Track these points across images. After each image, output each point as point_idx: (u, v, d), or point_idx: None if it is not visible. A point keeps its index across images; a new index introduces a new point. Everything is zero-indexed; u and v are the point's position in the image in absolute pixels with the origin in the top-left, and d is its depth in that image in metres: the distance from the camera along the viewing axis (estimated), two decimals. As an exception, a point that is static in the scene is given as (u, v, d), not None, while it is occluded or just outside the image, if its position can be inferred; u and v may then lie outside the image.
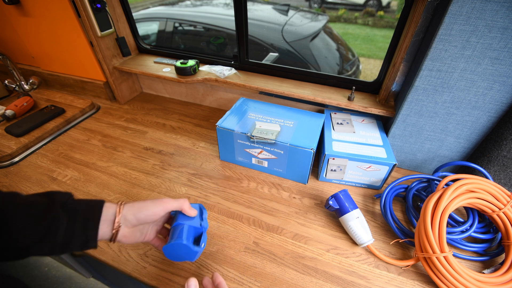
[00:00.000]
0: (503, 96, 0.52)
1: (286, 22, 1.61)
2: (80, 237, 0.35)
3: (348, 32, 3.18)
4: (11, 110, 0.85)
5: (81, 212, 0.36)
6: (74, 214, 0.35)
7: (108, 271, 0.90)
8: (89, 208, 0.37)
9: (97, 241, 0.36)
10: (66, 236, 0.34)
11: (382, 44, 2.97)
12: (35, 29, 0.89)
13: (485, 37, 0.47)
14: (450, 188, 0.48)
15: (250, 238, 0.55)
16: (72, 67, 0.97)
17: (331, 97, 0.73)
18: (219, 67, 0.86)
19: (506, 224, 0.48)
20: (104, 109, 0.96)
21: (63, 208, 0.35)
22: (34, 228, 0.32)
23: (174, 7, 2.10)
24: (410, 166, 0.71)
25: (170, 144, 0.80)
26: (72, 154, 0.77)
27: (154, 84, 1.02)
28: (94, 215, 0.36)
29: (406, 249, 0.54)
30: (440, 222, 0.46)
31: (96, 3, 0.77)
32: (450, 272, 0.43)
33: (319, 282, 0.48)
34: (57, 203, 0.35)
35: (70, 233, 0.34)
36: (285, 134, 0.63)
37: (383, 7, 3.42)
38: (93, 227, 0.36)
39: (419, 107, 0.60)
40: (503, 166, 0.56)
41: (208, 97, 0.96)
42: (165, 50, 0.96)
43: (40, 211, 0.33)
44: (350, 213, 0.53)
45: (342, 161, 0.61)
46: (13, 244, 0.32)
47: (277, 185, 0.67)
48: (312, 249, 0.53)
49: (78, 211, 0.36)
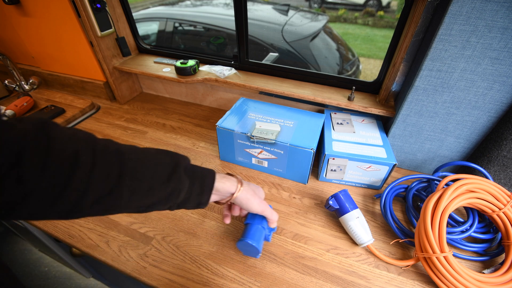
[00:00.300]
0: (503, 96, 0.52)
1: (286, 22, 1.61)
2: (195, 199, 0.38)
3: (348, 32, 3.18)
4: (11, 110, 0.85)
5: (199, 178, 0.39)
6: (193, 179, 0.38)
7: (108, 271, 0.90)
8: (205, 176, 0.40)
9: (207, 204, 0.40)
10: (185, 198, 0.37)
11: (382, 44, 2.97)
12: (35, 29, 0.89)
13: (485, 37, 0.47)
14: (450, 188, 0.48)
15: (250, 238, 0.55)
16: (72, 67, 0.97)
17: (331, 97, 0.73)
18: (219, 67, 0.86)
19: (506, 224, 0.48)
20: (104, 109, 0.96)
21: (185, 172, 0.37)
22: (162, 188, 0.34)
23: (174, 7, 2.10)
24: (410, 166, 0.71)
25: (170, 144, 0.80)
26: (72, 154, 0.77)
27: (154, 84, 1.02)
28: (208, 183, 0.40)
29: (406, 249, 0.54)
30: (440, 222, 0.46)
31: (96, 3, 0.77)
32: (450, 272, 0.43)
33: (319, 282, 0.48)
34: (181, 166, 0.37)
35: (188, 196, 0.37)
36: (285, 134, 0.63)
37: (383, 7, 3.42)
38: (207, 193, 0.40)
39: (419, 107, 0.60)
40: (503, 166, 0.56)
41: (208, 97, 0.97)
42: (165, 50, 0.96)
43: (168, 173, 0.35)
44: (350, 213, 0.53)
45: (342, 161, 0.61)
46: (143, 202, 0.33)
47: (277, 185, 0.67)
48: (312, 249, 0.53)
49: (196, 176, 0.39)
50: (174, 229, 0.57)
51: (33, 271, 1.27)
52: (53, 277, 1.25)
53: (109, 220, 0.58)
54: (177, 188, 0.35)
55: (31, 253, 1.35)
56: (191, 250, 0.53)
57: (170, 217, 0.59)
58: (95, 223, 0.58)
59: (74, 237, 0.56)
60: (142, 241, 0.55)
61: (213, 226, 0.57)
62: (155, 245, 0.54)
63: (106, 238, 0.55)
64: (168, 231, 0.56)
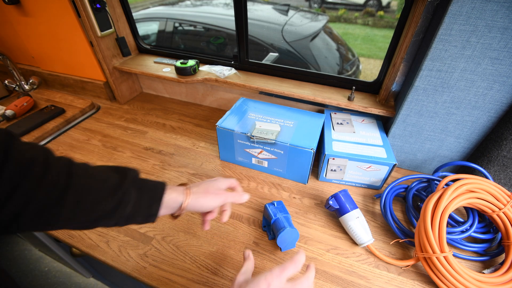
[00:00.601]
0: (503, 96, 0.52)
1: (286, 22, 1.60)
2: (144, 212, 0.38)
3: (348, 32, 3.18)
4: (11, 110, 0.85)
5: (147, 190, 0.39)
6: (142, 191, 0.38)
7: (108, 271, 0.90)
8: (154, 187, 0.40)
9: (157, 216, 0.39)
10: (133, 211, 0.37)
11: (382, 44, 2.97)
12: (35, 29, 0.89)
13: (485, 37, 0.47)
14: (450, 188, 0.48)
15: (250, 238, 0.55)
16: (72, 67, 0.97)
17: (331, 97, 0.73)
18: (219, 67, 0.86)
19: (506, 224, 0.48)
20: (104, 109, 0.96)
21: (133, 184, 0.37)
22: (107, 201, 0.34)
23: (174, 7, 2.10)
24: (410, 166, 0.71)
25: (170, 144, 0.80)
26: (72, 154, 0.77)
27: (154, 84, 1.02)
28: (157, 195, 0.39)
29: (406, 249, 0.54)
30: (440, 222, 0.46)
31: (96, 3, 0.77)
32: (450, 272, 0.43)
33: (319, 282, 0.48)
34: (129, 179, 0.37)
35: (137, 208, 0.37)
36: (285, 134, 0.63)
37: (383, 7, 3.42)
38: (156, 205, 0.39)
39: (419, 107, 0.60)
40: (503, 166, 0.56)
41: (208, 97, 0.97)
42: (165, 50, 0.96)
43: (114, 186, 0.35)
44: (350, 213, 0.53)
45: (342, 161, 0.61)
46: (87, 216, 0.33)
47: (277, 185, 0.67)
48: (312, 249, 0.53)
49: (145, 189, 0.38)
50: (174, 229, 0.57)
51: (33, 271, 1.27)
52: (53, 277, 1.25)
53: (109, 220, 0.58)
54: (123, 200, 0.35)
55: (31, 253, 1.35)
56: (191, 250, 0.53)
57: (170, 217, 0.59)
58: (95, 223, 0.58)
59: (74, 237, 0.55)
60: (142, 241, 0.55)
61: (213, 226, 0.57)
62: (155, 245, 0.54)
63: (106, 238, 0.55)
64: (168, 231, 0.56)
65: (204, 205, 0.43)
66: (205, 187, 0.45)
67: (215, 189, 0.45)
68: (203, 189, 0.44)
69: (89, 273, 1.16)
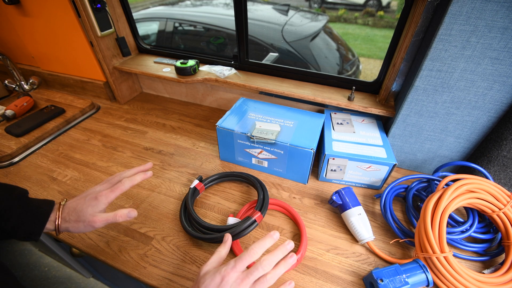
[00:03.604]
0: (503, 96, 0.52)
1: (286, 22, 1.60)
2: (27, 229, 0.40)
3: (348, 32, 3.17)
4: (11, 110, 0.85)
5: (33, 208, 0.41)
6: (26, 208, 0.40)
7: (108, 271, 0.90)
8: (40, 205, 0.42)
9: (40, 234, 0.41)
10: (14, 226, 0.39)
11: (382, 44, 2.97)
12: (35, 29, 0.89)
13: (485, 37, 0.47)
14: (450, 188, 0.48)
15: (250, 238, 0.55)
16: (72, 67, 0.97)
17: (331, 97, 0.73)
18: (219, 67, 0.86)
19: (506, 224, 0.48)
20: (104, 109, 0.96)
21: (19, 201, 0.39)
22: None
23: (174, 7, 2.10)
24: (410, 166, 0.71)
25: (170, 144, 0.80)
26: (72, 154, 0.77)
27: (154, 84, 1.02)
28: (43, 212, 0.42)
29: (406, 249, 0.54)
30: (440, 222, 0.46)
31: (96, 3, 0.77)
32: (450, 272, 0.43)
33: (319, 282, 0.48)
34: (15, 195, 0.40)
35: (19, 224, 0.39)
36: (285, 134, 0.63)
37: (383, 7, 3.42)
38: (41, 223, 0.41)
39: (419, 107, 0.60)
40: (503, 166, 0.56)
41: (208, 97, 0.97)
42: (165, 50, 0.96)
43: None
44: (352, 209, 0.54)
45: (342, 161, 0.61)
46: None
47: (277, 185, 0.67)
48: (312, 249, 0.53)
49: (30, 206, 0.41)
50: (174, 229, 0.57)
51: (33, 271, 1.27)
52: (53, 277, 1.25)
53: (109, 220, 0.58)
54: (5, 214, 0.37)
55: (31, 253, 1.35)
56: (191, 250, 0.53)
57: (170, 217, 0.59)
58: (95, 223, 0.58)
59: (74, 237, 0.55)
60: (142, 241, 0.55)
61: (213, 226, 0.57)
62: (155, 245, 0.54)
63: (106, 238, 0.55)
64: (168, 231, 0.56)
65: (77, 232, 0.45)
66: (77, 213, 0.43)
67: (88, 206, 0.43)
68: (75, 215, 0.43)
69: (89, 273, 1.16)
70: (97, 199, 0.44)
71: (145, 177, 0.50)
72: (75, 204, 0.44)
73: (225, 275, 0.35)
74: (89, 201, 0.43)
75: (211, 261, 0.39)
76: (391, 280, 0.42)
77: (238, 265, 0.36)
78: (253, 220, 0.52)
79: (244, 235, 0.51)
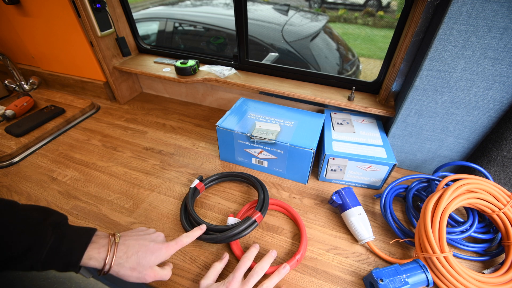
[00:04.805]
0: (503, 96, 0.52)
1: (286, 22, 1.61)
2: (61, 259, 0.35)
3: (348, 32, 3.17)
4: (11, 110, 0.85)
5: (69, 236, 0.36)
6: (62, 236, 0.35)
7: (108, 271, 0.90)
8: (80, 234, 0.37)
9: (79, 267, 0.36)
10: (48, 255, 0.34)
11: (382, 44, 2.97)
12: (35, 29, 0.89)
13: (485, 37, 0.47)
14: (450, 188, 0.48)
15: (250, 238, 0.55)
16: (72, 67, 0.97)
17: (331, 97, 0.73)
18: (219, 67, 0.86)
19: (506, 224, 0.48)
20: (104, 109, 0.96)
21: (53, 228, 0.35)
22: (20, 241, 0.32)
23: (174, 7, 2.10)
24: (410, 166, 0.71)
25: (170, 144, 0.80)
26: (72, 154, 0.77)
27: (154, 84, 1.02)
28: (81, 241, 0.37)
29: (406, 249, 0.54)
30: (440, 222, 0.46)
31: (96, 3, 0.77)
32: (450, 272, 0.43)
33: (319, 282, 0.48)
34: (50, 221, 0.35)
35: (54, 253, 0.34)
36: (285, 134, 0.63)
37: (383, 7, 3.42)
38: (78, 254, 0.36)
39: (419, 107, 0.60)
40: (503, 166, 0.56)
41: (208, 97, 0.96)
42: (165, 50, 0.96)
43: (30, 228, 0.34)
44: (352, 209, 0.54)
45: (342, 161, 0.61)
46: None
47: (277, 185, 0.67)
48: (312, 249, 0.53)
49: (67, 234, 0.36)
50: (174, 229, 0.57)
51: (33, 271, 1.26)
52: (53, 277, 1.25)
53: (109, 220, 0.58)
54: (37, 243, 0.33)
55: (31, 253, 1.35)
56: (191, 250, 0.53)
57: (170, 217, 0.59)
58: (94, 223, 0.58)
59: (74, 237, 0.55)
60: (142, 241, 0.54)
61: (213, 226, 0.57)
62: (155, 245, 0.54)
63: (106, 238, 0.55)
64: (168, 231, 0.56)
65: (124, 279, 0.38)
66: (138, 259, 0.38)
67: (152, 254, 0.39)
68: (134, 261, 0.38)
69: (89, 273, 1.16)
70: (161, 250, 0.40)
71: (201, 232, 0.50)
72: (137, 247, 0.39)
73: (228, 286, 0.41)
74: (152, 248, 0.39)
75: (209, 275, 0.44)
76: (391, 280, 0.42)
77: (237, 275, 0.43)
78: (253, 220, 0.52)
79: (244, 235, 0.51)
